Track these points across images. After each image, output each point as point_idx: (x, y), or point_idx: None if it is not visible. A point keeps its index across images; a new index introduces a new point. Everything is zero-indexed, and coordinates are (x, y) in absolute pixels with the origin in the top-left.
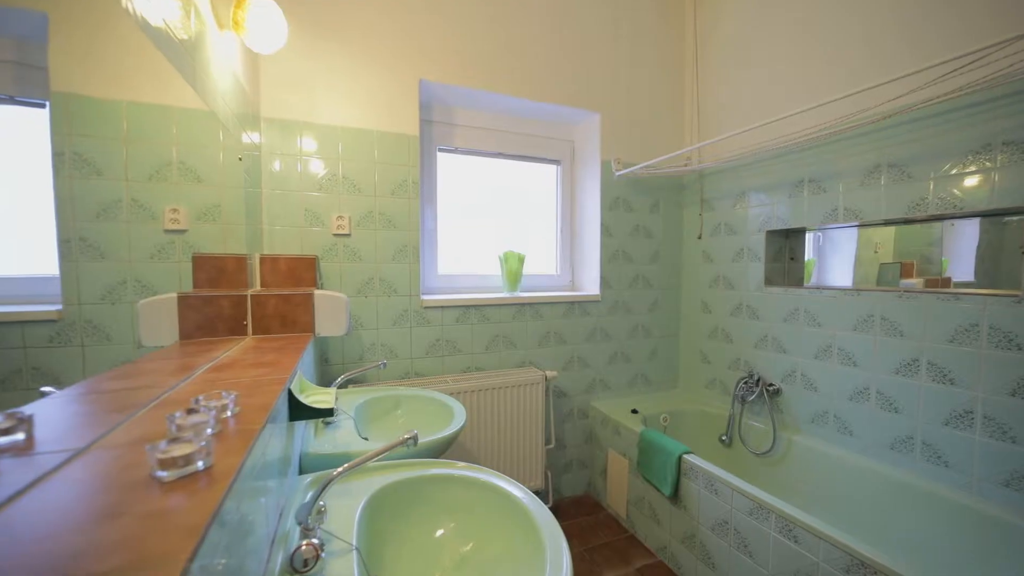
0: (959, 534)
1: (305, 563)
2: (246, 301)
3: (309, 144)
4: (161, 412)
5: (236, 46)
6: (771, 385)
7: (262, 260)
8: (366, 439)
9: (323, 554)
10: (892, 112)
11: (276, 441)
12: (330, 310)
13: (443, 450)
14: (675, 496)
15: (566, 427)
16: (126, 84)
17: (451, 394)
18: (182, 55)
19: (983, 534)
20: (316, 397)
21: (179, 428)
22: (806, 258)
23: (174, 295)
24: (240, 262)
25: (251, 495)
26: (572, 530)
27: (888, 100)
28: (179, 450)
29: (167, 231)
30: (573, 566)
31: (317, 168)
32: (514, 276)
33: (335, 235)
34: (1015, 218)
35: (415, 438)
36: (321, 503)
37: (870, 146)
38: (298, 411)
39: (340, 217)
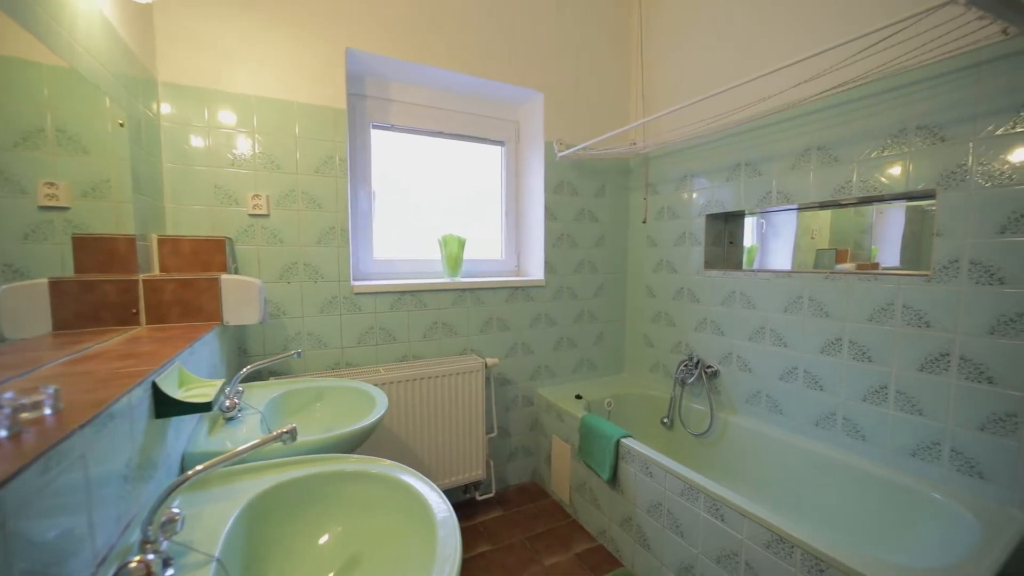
0: (875, 503)
1: None
2: (137, 287)
3: (219, 115)
4: None
5: None
6: (709, 367)
7: (161, 242)
8: None
9: (169, 570)
10: (817, 94)
11: (121, 442)
12: (241, 296)
13: (359, 443)
14: (613, 480)
15: (510, 415)
16: None
17: (383, 384)
18: None
19: (895, 502)
20: (199, 390)
21: None
22: (749, 244)
23: (44, 281)
24: (131, 244)
25: (55, 511)
26: (516, 518)
27: (817, 75)
28: None
29: (43, 208)
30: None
31: (229, 142)
32: (454, 260)
33: (252, 215)
34: (929, 202)
35: (292, 432)
36: (176, 510)
37: (801, 129)
38: (168, 406)
39: (257, 196)
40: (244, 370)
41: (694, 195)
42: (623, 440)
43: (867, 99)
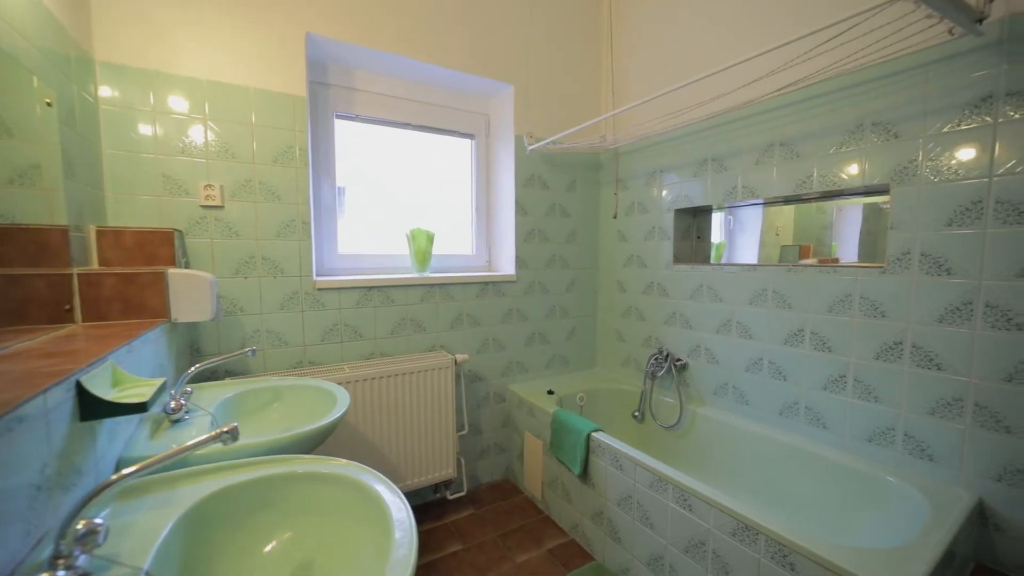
0: (835, 488)
1: None
2: (71, 281)
3: (167, 99)
4: None
5: None
6: (679, 360)
7: (100, 233)
8: None
9: None
10: (776, 90)
11: (33, 448)
12: (191, 292)
13: (317, 443)
14: (584, 474)
15: (482, 412)
16: None
17: (347, 383)
18: None
19: (853, 486)
20: (136, 390)
21: None
22: (717, 240)
23: None
24: (63, 235)
25: None
26: (488, 516)
27: (777, 70)
28: None
29: None
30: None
31: (179, 128)
32: (423, 255)
33: (204, 207)
34: (884, 199)
35: (234, 432)
36: (99, 520)
37: (765, 125)
38: (96, 408)
39: (210, 186)
40: (192, 369)
41: (663, 190)
42: (594, 434)
43: (826, 96)
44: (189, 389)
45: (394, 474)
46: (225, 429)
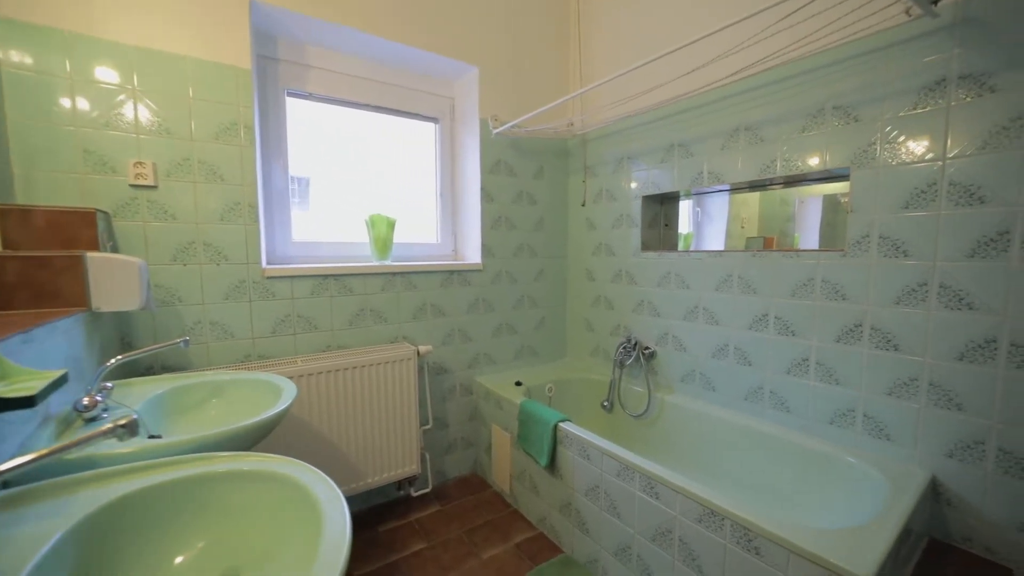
0: (799, 471)
1: None
2: None
3: (88, 65)
4: None
5: None
6: (647, 348)
7: (3, 212)
8: (155, 437)
9: None
10: (740, 69)
11: None
12: (116, 278)
13: (255, 440)
14: (552, 466)
15: (448, 405)
16: None
17: (300, 376)
18: None
19: (816, 468)
20: (28, 383)
21: None
22: (685, 231)
23: None
24: None
25: None
26: (454, 512)
27: (740, 47)
28: None
29: None
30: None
31: (103, 98)
32: (383, 243)
33: (134, 186)
34: (843, 191)
35: (132, 425)
36: None
37: (730, 110)
38: None
39: (140, 164)
40: (111, 362)
41: (631, 177)
42: (561, 424)
43: (789, 80)
44: (109, 384)
45: (354, 472)
46: (122, 422)
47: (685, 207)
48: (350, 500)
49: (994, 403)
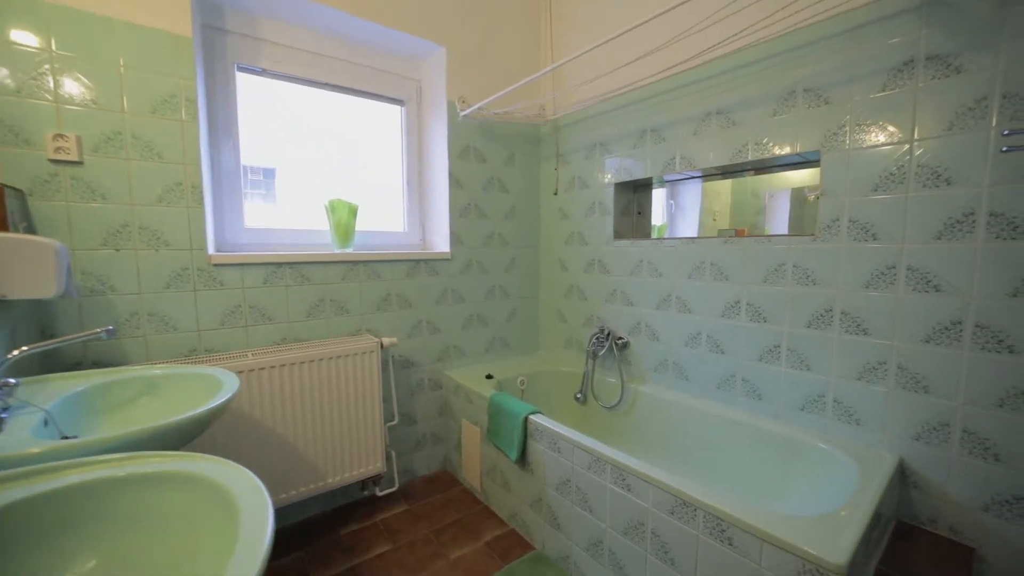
0: (772, 458)
1: None
2: None
3: None
4: None
5: None
6: (620, 338)
7: None
8: (70, 437)
9: None
10: (711, 47)
11: None
12: (27, 262)
13: (187, 439)
14: (523, 459)
15: (416, 400)
16: None
17: (250, 371)
18: None
19: (788, 455)
20: None
21: None
22: (659, 223)
23: None
24: None
25: None
26: (422, 511)
27: (711, 20)
28: None
29: None
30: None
31: (13, 61)
32: (344, 230)
33: (54, 161)
34: (811, 177)
35: None
36: None
37: (702, 94)
38: None
39: (62, 137)
40: (12, 355)
41: (603, 164)
42: (531, 417)
43: (761, 62)
44: (13, 381)
45: (312, 472)
46: None
47: (658, 196)
48: (309, 502)
49: (959, 384)
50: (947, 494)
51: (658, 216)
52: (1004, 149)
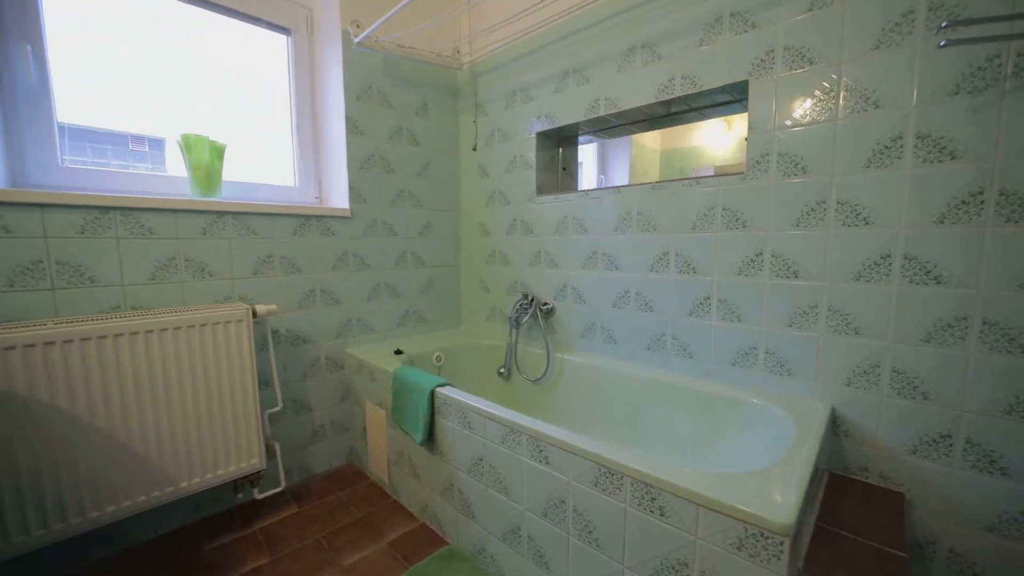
0: (705, 417)
1: None
2: None
3: None
4: None
5: None
6: (545, 304)
7: None
8: None
9: None
10: None
11: None
12: None
13: None
14: (430, 440)
15: (310, 383)
16: None
17: (43, 344)
18: None
19: (722, 412)
20: None
21: None
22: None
23: None
24: None
25: None
26: (315, 514)
27: None
28: None
29: None
30: None
31: None
32: (206, 174)
33: None
34: (741, 116)
35: None
36: None
37: (626, 27)
38: None
39: None
40: None
41: (524, 112)
42: (438, 390)
43: None
44: None
45: (157, 476)
46: None
47: (585, 153)
48: (162, 513)
49: (888, 323)
50: (877, 440)
51: (587, 181)
52: (942, 44)
